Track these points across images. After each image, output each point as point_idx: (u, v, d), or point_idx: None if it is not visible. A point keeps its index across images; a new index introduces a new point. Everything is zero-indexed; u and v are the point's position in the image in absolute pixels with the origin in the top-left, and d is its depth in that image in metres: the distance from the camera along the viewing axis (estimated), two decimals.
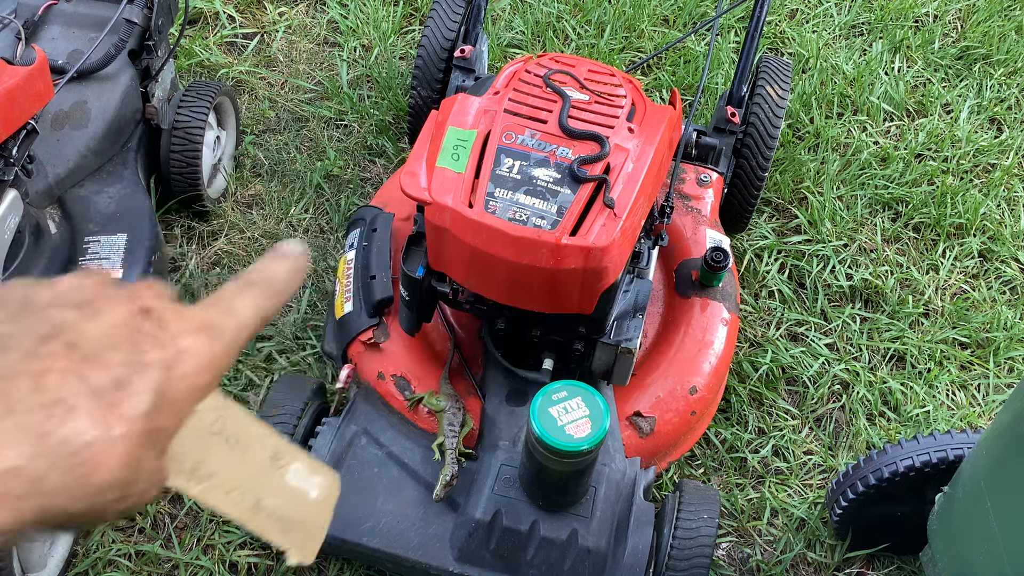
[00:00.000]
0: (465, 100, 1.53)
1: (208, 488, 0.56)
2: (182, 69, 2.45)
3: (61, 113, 1.92)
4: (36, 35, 1.96)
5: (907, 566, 1.83)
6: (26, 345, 0.46)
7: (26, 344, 0.46)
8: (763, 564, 1.83)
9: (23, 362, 0.45)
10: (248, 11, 2.65)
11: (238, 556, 1.74)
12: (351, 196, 2.26)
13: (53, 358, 0.46)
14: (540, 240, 1.38)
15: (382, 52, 2.55)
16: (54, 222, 1.88)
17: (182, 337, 0.50)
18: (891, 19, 2.79)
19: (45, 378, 0.45)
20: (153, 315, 0.50)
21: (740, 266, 2.21)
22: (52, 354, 0.46)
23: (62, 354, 0.46)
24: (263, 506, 0.59)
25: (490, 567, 1.56)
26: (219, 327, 0.52)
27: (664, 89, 2.54)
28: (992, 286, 2.27)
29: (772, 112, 2.04)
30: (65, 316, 0.48)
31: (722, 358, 1.80)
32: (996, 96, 2.65)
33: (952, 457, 1.60)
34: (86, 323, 0.48)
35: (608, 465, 1.60)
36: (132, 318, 0.49)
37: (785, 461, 1.96)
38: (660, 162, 1.53)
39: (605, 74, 1.59)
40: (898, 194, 2.38)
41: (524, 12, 2.66)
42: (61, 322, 0.47)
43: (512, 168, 1.43)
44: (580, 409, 1.41)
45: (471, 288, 1.52)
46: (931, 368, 2.10)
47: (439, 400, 1.67)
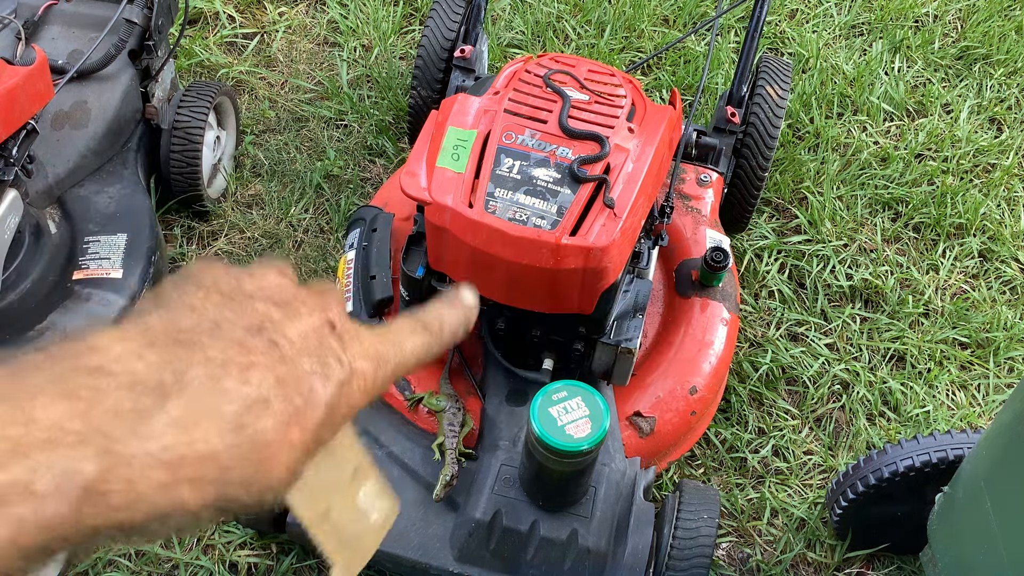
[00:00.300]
0: (465, 100, 1.53)
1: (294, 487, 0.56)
2: (182, 69, 2.45)
3: (61, 113, 1.92)
4: (36, 35, 1.96)
5: (907, 566, 1.83)
6: (239, 334, 0.47)
7: (239, 333, 0.47)
8: (763, 564, 1.83)
9: (236, 351, 0.46)
10: (248, 11, 2.65)
11: (238, 556, 1.74)
12: (351, 196, 2.26)
13: (258, 353, 0.47)
14: (540, 240, 1.38)
15: (382, 52, 2.55)
16: (54, 222, 1.88)
17: (358, 359, 0.51)
18: (891, 19, 2.79)
19: (250, 372, 0.46)
20: (337, 330, 0.51)
21: (740, 266, 2.21)
22: (258, 349, 0.47)
23: (266, 351, 0.47)
24: (330, 517, 0.60)
25: (490, 567, 1.56)
26: (386, 358, 0.54)
27: (664, 89, 2.54)
28: (992, 286, 2.27)
29: (772, 112, 2.04)
30: (269, 312, 0.49)
31: (722, 358, 1.80)
32: (996, 96, 2.65)
33: (952, 457, 1.59)
34: (287, 324, 0.49)
35: (608, 465, 1.60)
36: (322, 328, 0.51)
37: (785, 461, 1.96)
38: (660, 162, 1.53)
39: (605, 74, 1.59)
40: (898, 194, 2.38)
41: (524, 12, 2.66)
42: (266, 318, 0.49)
43: (512, 168, 1.43)
44: (580, 409, 1.41)
45: None
46: (931, 368, 2.10)
47: (439, 400, 1.67)
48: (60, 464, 0.40)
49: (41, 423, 0.41)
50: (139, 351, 0.45)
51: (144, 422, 0.43)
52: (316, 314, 0.51)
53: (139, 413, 0.43)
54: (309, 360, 0.49)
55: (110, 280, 1.80)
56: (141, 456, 0.42)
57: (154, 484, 0.43)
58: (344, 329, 0.52)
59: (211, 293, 0.49)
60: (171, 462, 0.43)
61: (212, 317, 0.48)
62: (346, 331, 0.52)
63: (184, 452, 0.43)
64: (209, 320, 0.47)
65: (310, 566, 1.75)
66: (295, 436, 0.47)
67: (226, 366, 0.46)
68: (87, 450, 0.41)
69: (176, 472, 0.43)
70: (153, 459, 0.43)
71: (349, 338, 0.52)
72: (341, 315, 0.53)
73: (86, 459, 0.41)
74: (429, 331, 0.59)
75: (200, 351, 0.46)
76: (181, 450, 0.43)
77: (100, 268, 1.82)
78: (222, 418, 0.45)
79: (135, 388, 0.43)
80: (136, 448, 0.42)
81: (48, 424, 0.41)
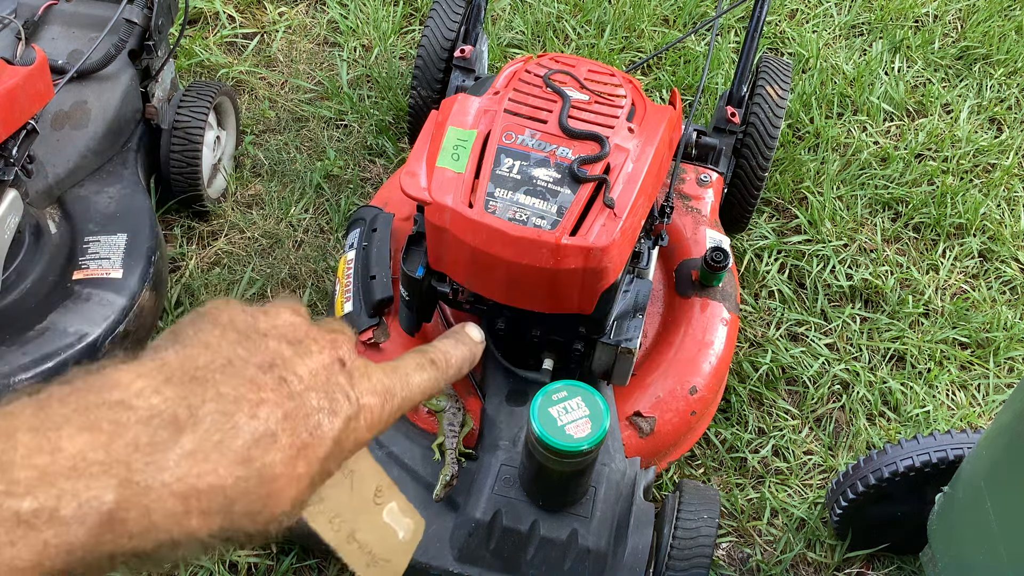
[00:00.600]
0: (465, 100, 1.53)
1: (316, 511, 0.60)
2: (182, 69, 2.45)
3: (61, 113, 1.92)
4: (36, 35, 1.96)
5: (907, 566, 1.83)
6: (251, 372, 0.50)
7: (251, 371, 0.50)
8: (763, 564, 1.83)
9: (247, 387, 0.49)
10: (248, 11, 2.65)
11: (238, 556, 1.74)
12: (351, 196, 2.26)
13: (268, 389, 0.49)
14: (540, 240, 1.38)
15: (382, 52, 2.55)
16: (54, 222, 1.88)
17: (365, 395, 0.54)
18: (891, 19, 2.79)
19: (260, 408, 0.48)
20: (347, 367, 0.54)
21: (740, 266, 2.21)
22: (268, 385, 0.49)
23: (275, 387, 0.50)
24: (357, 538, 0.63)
25: (490, 567, 1.56)
26: (393, 393, 0.57)
27: (664, 89, 2.54)
28: (992, 286, 2.27)
29: (772, 112, 2.04)
30: (281, 350, 0.52)
31: (722, 358, 1.80)
32: (996, 96, 2.65)
33: (952, 457, 1.59)
34: (297, 361, 0.51)
35: (608, 465, 1.60)
36: (331, 365, 0.53)
37: (785, 461, 1.96)
38: (660, 162, 1.53)
39: (605, 74, 1.59)
40: (898, 194, 2.38)
41: (524, 12, 2.66)
42: (278, 356, 0.51)
43: (512, 168, 1.43)
44: (580, 409, 1.41)
45: (471, 288, 1.52)
46: (931, 368, 2.10)
47: (439, 400, 1.67)
48: (84, 492, 0.43)
49: (66, 452, 0.43)
50: (157, 387, 0.47)
51: (161, 454, 0.45)
52: (327, 352, 0.53)
53: (155, 446, 0.45)
54: (317, 396, 0.51)
55: (110, 280, 1.80)
56: (157, 487, 0.45)
57: (167, 513, 0.45)
58: (354, 366, 0.54)
59: (227, 331, 0.52)
60: (184, 493, 0.45)
61: (226, 354, 0.50)
62: (356, 368, 0.54)
63: (195, 484, 0.46)
64: (223, 357, 0.50)
65: (310, 566, 1.75)
66: (301, 469, 0.49)
67: (237, 402, 0.48)
68: (109, 480, 0.43)
69: (188, 502, 0.45)
70: (168, 489, 0.45)
71: (359, 375, 0.54)
72: (351, 353, 0.55)
73: (107, 488, 0.43)
74: (436, 367, 0.62)
75: (213, 387, 0.48)
76: (193, 481, 0.46)
77: (100, 268, 1.82)
78: (232, 452, 0.47)
79: (152, 422, 0.46)
80: (152, 479, 0.45)
81: (72, 454, 0.43)
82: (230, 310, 0.54)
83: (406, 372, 0.59)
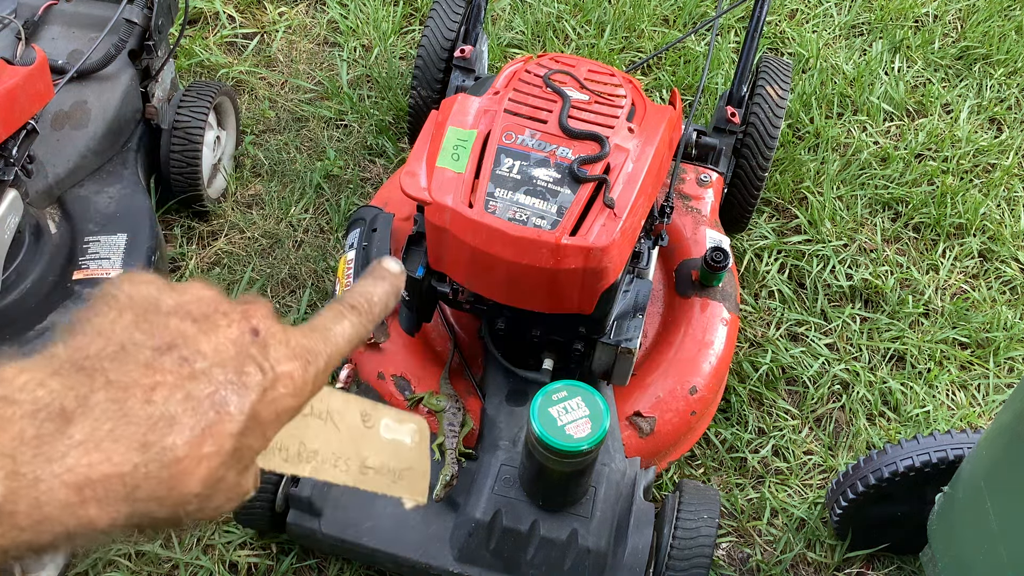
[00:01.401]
0: (465, 100, 1.53)
1: (317, 466, 0.60)
2: (182, 69, 2.45)
3: (61, 113, 1.92)
4: (36, 35, 1.96)
5: (907, 566, 1.83)
6: (145, 356, 0.49)
7: (145, 354, 0.49)
8: (763, 564, 1.83)
9: (140, 372, 0.48)
10: (248, 11, 2.65)
11: (238, 556, 1.74)
12: (351, 196, 2.26)
13: (165, 372, 0.49)
14: (540, 240, 1.38)
15: (382, 52, 2.55)
16: (54, 222, 1.88)
17: (281, 362, 0.52)
18: (891, 19, 2.79)
19: (155, 391, 0.48)
20: (260, 337, 0.52)
21: (740, 266, 2.21)
22: (164, 368, 0.49)
23: (174, 368, 0.49)
24: (368, 466, 0.62)
25: (490, 567, 1.56)
26: (315, 353, 0.54)
27: (664, 89, 2.54)
28: (992, 286, 2.27)
29: (772, 112, 2.04)
30: (183, 329, 0.51)
31: (722, 358, 1.80)
32: (996, 96, 2.65)
33: (952, 457, 1.59)
34: (201, 338, 0.50)
35: (608, 465, 1.60)
36: (241, 337, 0.52)
37: (785, 461, 1.96)
38: (660, 162, 1.53)
39: (605, 74, 1.59)
40: (898, 194, 2.38)
41: (524, 12, 2.66)
42: (179, 334, 0.50)
43: (512, 168, 1.43)
44: (580, 409, 1.41)
45: (471, 288, 1.52)
46: (931, 368, 2.10)
47: (439, 400, 1.67)
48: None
49: None
50: (42, 380, 0.47)
51: (48, 446, 0.45)
52: (236, 324, 0.52)
53: (42, 438, 0.45)
54: (224, 372, 0.50)
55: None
56: (47, 478, 0.45)
57: (61, 504, 0.45)
58: (269, 334, 0.52)
59: (124, 313, 0.51)
60: (77, 483, 0.45)
61: (120, 340, 0.49)
62: (271, 336, 0.53)
63: (88, 473, 0.45)
64: (116, 343, 0.49)
65: (310, 566, 1.75)
66: (209, 448, 0.48)
67: (129, 388, 0.47)
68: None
69: (82, 492, 0.45)
70: (58, 480, 0.45)
71: (275, 342, 0.52)
72: (265, 321, 0.53)
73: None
74: (357, 311, 0.59)
75: (103, 376, 0.48)
76: (85, 471, 0.45)
77: (100, 268, 1.82)
78: (126, 439, 0.46)
79: (38, 415, 0.46)
80: (41, 470, 0.45)
81: None
82: (133, 286, 0.52)
83: (325, 327, 0.57)
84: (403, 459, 0.65)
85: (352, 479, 0.61)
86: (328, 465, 0.60)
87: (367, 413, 0.64)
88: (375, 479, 0.63)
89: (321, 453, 0.60)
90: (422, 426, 0.66)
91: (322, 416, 0.60)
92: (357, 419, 0.63)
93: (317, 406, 0.60)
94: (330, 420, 0.61)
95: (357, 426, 0.63)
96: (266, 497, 1.61)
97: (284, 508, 1.63)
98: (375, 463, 0.63)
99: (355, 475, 0.62)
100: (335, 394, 0.62)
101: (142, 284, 0.52)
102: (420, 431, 0.66)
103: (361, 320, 0.59)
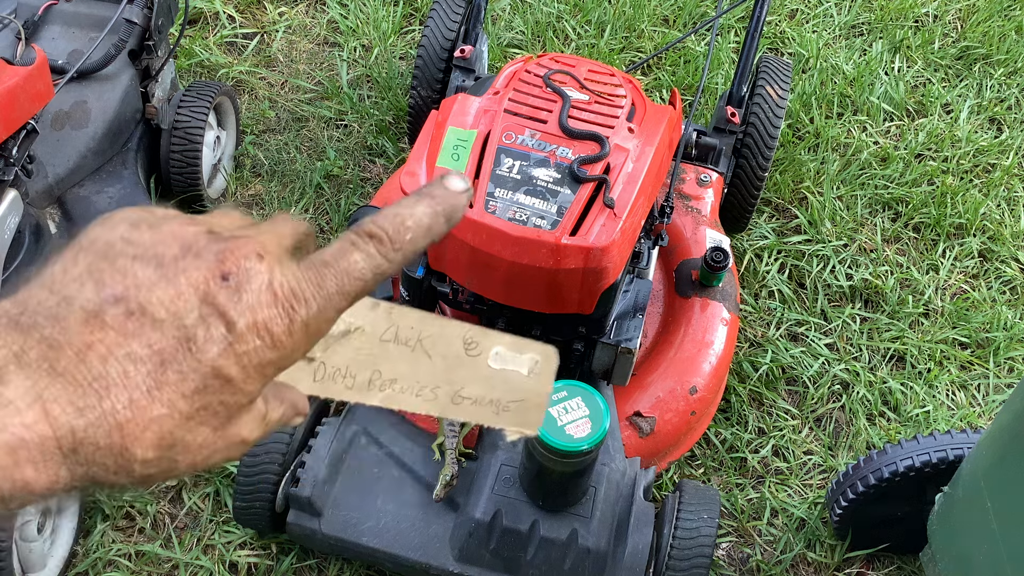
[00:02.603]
0: (465, 100, 1.53)
1: (392, 394, 0.53)
2: (182, 69, 2.45)
3: (61, 113, 1.92)
4: (36, 35, 1.96)
5: (907, 566, 1.83)
6: (88, 309, 0.44)
7: (88, 308, 0.44)
8: (763, 564, 1.83)
9: (76, 330, 0.44)
10: (248, 11, 2.65)
11: (238, 556, 1.74)
12: (351, 196, 2.26)
13: (107, 328, 0.44)
14: (540, 240, 1.38)
15: (382, 52, 2.55)
16: (54, 222, 1.88)
17: (254, 311, 0.46)
18: (891, 19, 2.79)
19: (90, 351, 0.44)
20: (231, 281, 0.46)
21: (740, 266, 2.21)
22: (107, 323, 0.44)
23: (116, 325, 0.44)
24: (464, 396, 0.55)
25: (490, 567, 1.56)
26: (303, 297, 0.47)
27: (664, 89, 2.54)
28: (992, 286, 2.27)
29: (772, 112, 2.04)
30: (141, 275, 0.45)
31: (722, 358, 1.80)
32: (996, 96, 2.65)
33: (952, 457, 1.59)
34: (158, 287, 0.45)
35: (608, 465, 1.60)
36: (206, 284, 0.45)
37: (785, 461, 1.96)
38: (660, 162, 1.53)
39: (605, 74, 1.59)
40: (898, 194, 2.38)
41: (524, 12, 2.66)
42: (133, 284, 0.45)
43: (512, 168, 1.43)
44: (580, 409, 1.41)
45: (471, 288, 1.52)
46: (931, 368, 2.10)
47: None
48: None
49: None
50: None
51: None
52: (204, 269, 0.45)
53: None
54: (176, 326, 0.45)
55: None
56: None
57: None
58: (245, 277, 0.46)
59: (78, 260, 0.46)
60: (8, 444, 0.42)
61: (64, 292, 0.45)
62: (248, 279, 0.46)
63: (21, 434, 0.43)
64: (59, 296, 0.45)
65: (310, 566, 1.75)
66: (159, 410, 0.44)
67: (61, 347, 0.44)
68: None
69: (15, 454, 0.43)
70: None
71: (251, 288, 0.46)
72: (247, 260, 0.46)
73: None
74: (377, 239, 0.49)
75: (37, 331, 0.44)
76: (18, 431, 0.43)
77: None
78: (60, 400, 0.43)
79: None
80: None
81: None
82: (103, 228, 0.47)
83: (329, 259, 0.48)
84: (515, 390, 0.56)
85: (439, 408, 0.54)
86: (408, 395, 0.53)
87: (472, 340, 0.55)
88: (471, 409, 0.55)
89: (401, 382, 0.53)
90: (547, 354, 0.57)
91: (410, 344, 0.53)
92: (459, 346, 0.55)
93: (404, 333, 0.52)
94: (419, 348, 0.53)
95: (457, 353, 0.55)
96: (266, 497, 1.61)
97: (284, 508, 1.63)
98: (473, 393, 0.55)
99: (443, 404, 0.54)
100: (430, 319, 0.54)
101: (116, 223, 0.47)
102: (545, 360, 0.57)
103: (382, 250, 0.49)
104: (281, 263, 0.47)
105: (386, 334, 0.51)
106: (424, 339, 0.54)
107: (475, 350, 0.55)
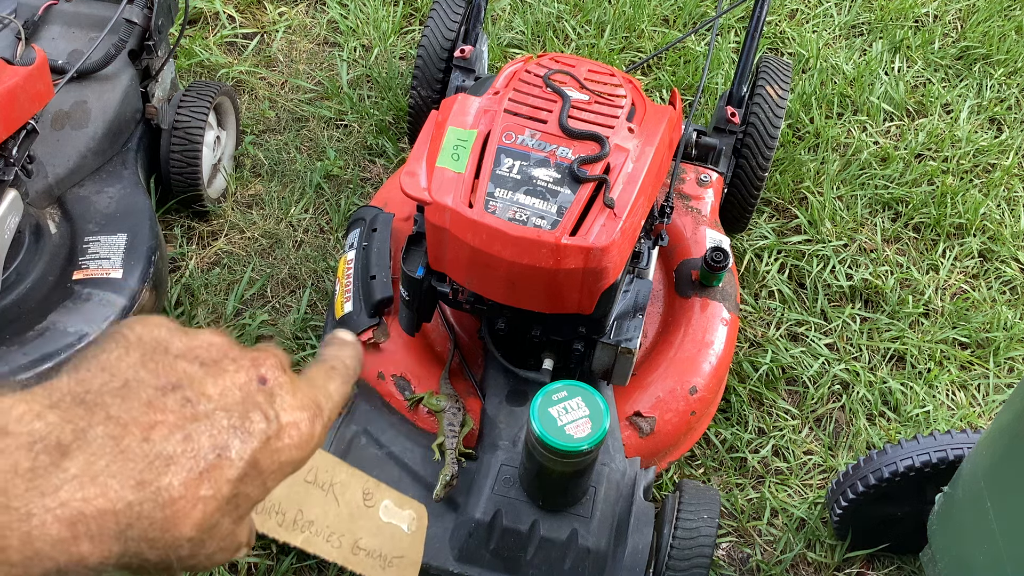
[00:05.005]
0: (465, 100, 1.53)
1: (309, 537, 0.59)
2: (182, 69, 2.45)
3: (61, 113, 1.92)
4: (36, 35, 1.96)
5: (907, 566, 1.83)
6: (148, 394, 0.49)
7: (149, 392, 0.49)
8: (763, 564, 1.83)
9: (142, 410, 0.48)
10: (248, 11, 2.65)
11: (237, 556, 1.74)
12: (351, 196, 2.26)
13: (167, 411, 0.48)
14: (540, 240, 1.38)
15: (382, 52, 2.55)
16: (54, 222, 1.88)
17: (288, 412, 0.52)
18: (891, 19, 2.79)
19: (154, 430, 0.47)
20: (268, 385, 0.52)
21: (740, 266, 2.21)
22: (167, 407, 0.48)
23: (175, 409, 0.48)
24: (361, 547, 0.62)
25: (490, 567, 1.56)
26: (321, 407, 0.55)
27: (664, 89, 2.54)
28: (992, 286, 2.27)
29: (772, 112, 2.04)
30: (190, 371, 0.50)
31: (722, 358, 1.80)
32: (996, 96, 2.65)
33: (952, 457, 1.59)
34: (207, 381, 0.50)
35: (608, 465, 1.60)
36: (248, 383, 0.51)
37: (785, 461, 1.96)
38: (660, 162, 1.53)
39: (605, 74, 1.59)
40: (898, 194, 2.39)
41: (524, 12, 2.66)
42: (185, 376, 0.50)
43: (512, 168, 1.43)
44: (580, 409, 1.41)
45: (471, 288, 1.52)
46: (931, 368, 2.10)
47: (439, 400, 1.67)
48: None
49: None
50: (40, 412, 0.46)
51: (42, 479, 0.44)
52: (244, 371, 0.52)
53: (36, 471, 0.44)
54: (228, 416, 0.49)
55: (110, 280, 1.80)
56: (39, 512, 0.44)
57: (53, 540, 0.44)
58: (277, 384, 0.53)
59: (131, 351, 0.50)
60: (70, 518, 0.44)
61: (124, 376, 0.49)
62: (279, 385, 0.53)
63: (82, 508, 0.45)
64: (120, 379, 0.49)
65: (310, 566, 1.75)
66: (206, 491, 0.48)
67: (128, 425, 0.47)
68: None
69: (75, 528, 0.44)
70: (51, 515, 0.44)
71: (283, 392, 0.52)
72: (275, 370, 0.53)
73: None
74: (338, 372, 0.59)
75: (103, 410, 0.47)
76: (78, 506, 0.45)
77: (100, 268, 1.82)
78: (122, 475, 0.46)
79: (34, 447, 0.45)
80: (34, 505, 0.44)
81: None
82: (144, 328, 0.52)
83: (321, 383, 0.57)
84: (397, 546, 0.64)
85: (342, 558, 0.61)
86: (321, 539, 0.59)
87: (370, 492, 0.63)
88: (365, 561, 0.62)
89: (316, 524, 0.59)
90: (421, 514, 0.66)
91: (324, 487, 0.60)
92: (359, 496, 0.62)
93: (322, 476, 0.60)
94: (331, 492, 0.60)
95: (357, 503, 0.62)
96: None
97: None
98: (368, 545, 0.62)
99: (346, 554, 0.61)
100: (341, 466, 0.62)
101: (153, 326, 0.52)
102: (419, 519, 0.66)
103: (346, 377, 0.59)
104: (293, 377, 0.55)
105: (309, 475, 0.57)
106: (335, 484, 0.61)
107: (371, 501, 0.63)
